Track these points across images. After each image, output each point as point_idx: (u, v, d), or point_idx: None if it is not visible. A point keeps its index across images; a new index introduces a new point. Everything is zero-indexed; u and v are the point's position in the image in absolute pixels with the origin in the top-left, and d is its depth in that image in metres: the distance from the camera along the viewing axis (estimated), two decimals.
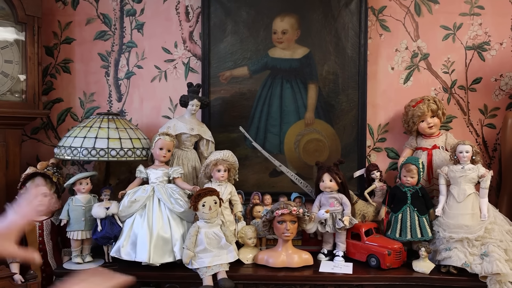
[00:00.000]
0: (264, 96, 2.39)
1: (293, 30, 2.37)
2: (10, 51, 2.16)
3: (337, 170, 2.09)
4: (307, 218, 1.96)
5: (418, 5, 2.39)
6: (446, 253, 1.90)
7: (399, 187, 2.09)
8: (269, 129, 2.39)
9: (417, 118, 2.20)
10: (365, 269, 1.93)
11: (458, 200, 1.97)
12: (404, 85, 2.42)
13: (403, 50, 2.41)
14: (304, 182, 2.38)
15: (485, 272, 1.78)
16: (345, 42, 2.36)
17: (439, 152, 2.20)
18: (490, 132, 2.41)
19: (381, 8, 2.40)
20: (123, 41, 2.46)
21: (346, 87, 2.37)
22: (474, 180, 1.99)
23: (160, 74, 2.45)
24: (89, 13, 2.46)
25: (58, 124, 2.47)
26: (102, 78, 2.47)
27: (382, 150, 2.44)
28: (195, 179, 2.20)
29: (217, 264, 1.84)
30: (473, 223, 1.90)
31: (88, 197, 2.02)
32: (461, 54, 2.40)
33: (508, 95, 2.40)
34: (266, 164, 2.40)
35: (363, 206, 2.20)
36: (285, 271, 1.90)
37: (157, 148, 2.04)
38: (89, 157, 2.00)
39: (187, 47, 2.45)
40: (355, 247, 2.03)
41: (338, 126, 2.38)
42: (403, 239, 2.01)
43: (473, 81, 2.40)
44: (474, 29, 2.39)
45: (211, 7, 2.37)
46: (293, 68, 2.37)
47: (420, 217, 2.02)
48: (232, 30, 2.38)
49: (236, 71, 2.39)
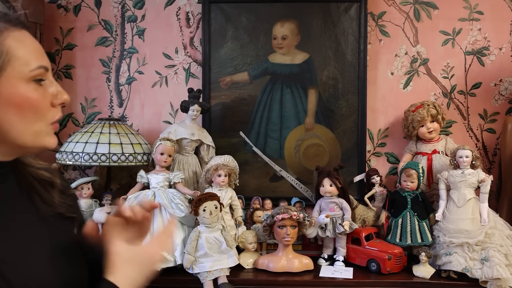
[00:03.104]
0: (264, 101, 2.40)
1: (293, 36, 2.38)
2: None
3: (337, 175, 2.10)
4: (308, 223, 1.97)
5: (417, 11, 2.41)
6: (446, 258, 1.90)
7: (399, 192, 2.09)
8: (269, 134, 2.40)
9: (417, 123, 2.21)
10: (366, 274, 1.94)
11: (458, 205, 1.97)
12: (404, 90, 2.43)
13: (402, 55, 2.42)
14: (304, 187, 2.38)
15: (485, 277, 1.78)
16: (344, 48, 2.37)
17: (439, 157, 2.20)
18: (490, 137, 2.42)
19: (380, 14, 2.41)
20: (124, 47, 2.48)
21: (346, 92, 2.38)
22: (474, 185, 1.99)
23: (161, 80, 2.47)
24: (90, 19, 2.48)
25: (60, 129, 2.48)
26: (103, 84, 2.49)
27: (382, 155, 2.45)
28: (195, 184, 2.21)
29: (217, 268, 1.84)
30: (473, 228, 1.91)
31: (89, 202, 2.03)
32: (460, 59, 2.41)
33: (507, 100, 2.40)
34: (267, 169, 2.40)
35: (363, 211, 2.21)
36: (286, 276, 1.90)
37: (158, 153, 2.05)
38: (90, 162, 2.01)
39: (187, 53, 2.47)
40: (355, 252, 2.03)
41: (338, 131, 2.39)
42: (403, 244, 2.01)
43: (473, 86, 2.41)
44: (473, 34, 2.40)
45: (211, 13, 2.39)
46: (293, 73, 2.38)
47: (420, 222, 2.02)
48: (233, 36, 2.40)
49: (237, 76, 2.40)
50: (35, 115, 0.79)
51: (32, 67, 0.78)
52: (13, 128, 0.77)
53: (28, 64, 0.78)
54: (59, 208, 0.89)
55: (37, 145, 0.82)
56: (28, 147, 0.81)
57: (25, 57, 0.78)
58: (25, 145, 0.80)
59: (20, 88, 0.76)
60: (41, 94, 0.80)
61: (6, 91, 0.75)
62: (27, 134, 0.79)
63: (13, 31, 0.78)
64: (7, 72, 0.75)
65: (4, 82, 0.75)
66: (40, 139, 0.81)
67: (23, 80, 0.77)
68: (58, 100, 0.83)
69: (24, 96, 0.77)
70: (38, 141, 0.81)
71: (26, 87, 0.77)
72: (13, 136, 0.78)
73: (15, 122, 0.77)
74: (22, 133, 0.78)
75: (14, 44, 0.77)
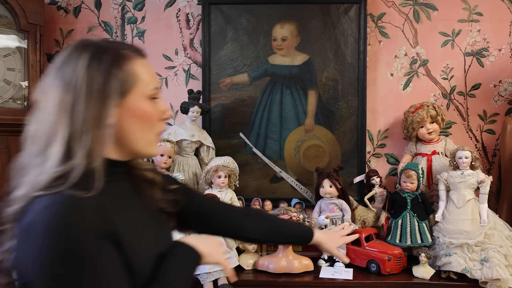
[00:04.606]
0: (264, 103, 2.40)
1: (293, 37, 2.39)
2: (12, 59, 2.18)
3: (337, 176, 2.10)
4: (307, 224, 1.97)
5: (417, 12, 2.41)
6: (446, 258, 1.90)
7: (399, 193, 2.10)
8: (269, 135, 2.40)
9: (417, 124, 2.21)
10: (365, 275, 1.94)
11: (458, 206, 1.97)
12: (404, 91, 2.43)
13: (402, 56, 2.42)
14: (304, 188, 2.39)
15: (485, 278, 1.79)
16: (344, 49, 2.37)
17: (439, 157, 2.21)
18: (490, 138, 2.42)
19: (380, 15, 2.42)
20: None
21: (345, 93, 2.38)
22: (473, 185, 1.99)
23: (161, 81, 2.47)
24: (90, 21, 2.48)
25: None
26: None
27: (381, 156, 2.45)
28: (195, 185, 2.21)
29: (218, 270, 1.85)
30: (472, 229, 1.91)
31: None
32: (460, 60, 2.42)
33: (507, 101, 2.41)
34: (266, 170, 2.41)
35: (363, 211, 2.21)
36: (286, 277, 1.91)
37: (158, 155, 2.05)
38: None
39: (187, 54, 2.47)
40: (355, 252, 2.04)
41: (338, 132, 2.39)
42: (403, 244, 2.01)
43: (472, 87, 2.42)
44: (472, 36, 2.41)
45: (211, 15, 2.40)
46: (293, 75, 2.39)
47: (420, 223, 2.02)
48: (232, 37, 2.40)
49: (236, 77, 2.40)
50: (149, 126, 0.98)
51: (150, 87, 0.98)
52: (132, 135, 0.96)
53: (148, 85, 0.97)
54: (160, 203, 1.08)
55: (146, 152, 1.01)
56: (140, 152, 1.00)
57: (146, 79, 0.97)
58: (138, 151, 0.99)
59: (142, 104, 0.96)
60: (155, 109, 0.99)
61: (132, 105, 0.95)
62: (141, 142, 0.98)
63: (138, 59, 0.98)
64: (134, 91, 0.95)
65: (131, 99, 0.94)
66: (149, 146, 1.00)
67: (144, 97, 0.97)
68: (165, 116, 1.02)
69: (145, 110, 0.96)
70: (148, 148, 1.00)
71: (146, 103, 0.97)
72: (131, 142, 0.97)
73: (135, 130, 0.96)
74: (138, 140, 0.97)
75: (139, 69, 0.96)
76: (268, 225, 1.35)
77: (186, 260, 1.00)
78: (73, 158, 0.88)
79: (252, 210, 1.39)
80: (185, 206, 1.18)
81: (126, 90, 0.94)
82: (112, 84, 0.92)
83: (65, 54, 0.96)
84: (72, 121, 0.89)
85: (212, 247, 1.06)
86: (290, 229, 1.41)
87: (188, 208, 1.21)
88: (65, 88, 0.90)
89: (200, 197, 1.28)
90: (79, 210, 0.82)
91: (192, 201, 1.23)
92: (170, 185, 1.16)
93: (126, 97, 0.94)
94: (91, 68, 0.91)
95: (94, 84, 0.90)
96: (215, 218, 1.27)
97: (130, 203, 1.00)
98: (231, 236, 1.39)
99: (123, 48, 0.98)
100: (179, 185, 1.21)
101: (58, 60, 0.95)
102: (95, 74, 0.91)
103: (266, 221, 1.36)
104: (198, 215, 1.24)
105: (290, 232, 1.40)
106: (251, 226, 1.30)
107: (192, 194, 1.26)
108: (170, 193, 1.13)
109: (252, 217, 1.32)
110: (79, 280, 0.79)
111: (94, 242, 0.82)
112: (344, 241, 1.47)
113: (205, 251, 1.03)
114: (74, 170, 0.87)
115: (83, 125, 0.89)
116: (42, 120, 0.91)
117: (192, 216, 1.23)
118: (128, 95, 0.94)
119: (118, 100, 0.92)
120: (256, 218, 1.33)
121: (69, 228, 0.80)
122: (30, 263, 0.81)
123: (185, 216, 1.21)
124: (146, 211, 1.04)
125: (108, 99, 0.91)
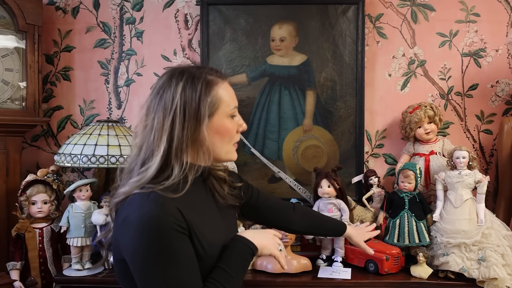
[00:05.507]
0: (262, 103, 2.41)
1: (291, 38, 2.39)
2: (10, 59, 2.18)
3: (335, 176, 2.11)
4: None
5: (414, 13, 2.42)
6: (443, 258, 1.91)
7: (397, 193, 2.10)
8: (268, 135, 2.41)
9: (414, 124, 2.22)
10: (364, 275, 1.94)
11: (455, 206, 1.98)
12: (401, 91, 2.44)
13: (400, 57, 2.43)
14: (302, 188, 2.39)
15: (482, 277, 1.79)
16: (342, 49, 2.38)
17: (436, 158, 2.22)
18: (487, 138, 2.43)
19: (378, 16, 2.43)
20: (123, 49, 2.48)
21: (343, 94, 2.39)
22: (471, 185, 2.00)
23: None
24: (89, 21, 2.48)
25: (58, 131, 2.49)
26: (101, 86, 2.49)
27: (380, 156, 2.46)
28: None
29: None
30: (470, 228, 1.92)
31: (88, 204, 2.03)
32: (457, 61, 2.43)
33: (504, 101, 2.42)
34: (265, 170, 2.41)
35: (361, 211, 2.22)
36: (284, 277, 1.91)
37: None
38: (89, 164, 2.01)
39: (186, 55, 2.48)
40: (353, 252, 2.04)
41: (336, 132, 2.40)
42: (401, 244, 2.02)
43: (470, 87, 2.43)
44: (470, 36, 2.42)
45: (209, 15, 2.40)
46: (291, 75, 2.39)
47: (418, 223, 2.03)
48: (231, 38, 2.41)
49: (235, 78, 2.41)
50: (229, 139, 1.21)
51: (231, 108, 1.20)
52: (216, 147, 1.17)
53: (229, 106, 1.19)
54: (228, 199, 1.30)
55: (227, 159, 1.23)
56: (222, 160, 1.24)
57: (228, 101, 1.19)
58: (219, 159, 1.22)
59: (225, 122, 1.18)
60: (234, 125, 1.21)
61: (217, 124, 1.16)
62: (222, 152, 1.20)
63: (222, 83, 1.19)
64: (218, 112, 1.16)
65: (216, 118, 1.16)
66: (229, 155, 1.22)
67: (226, 116, 1.19)
68: (241, 128, 1.25)
69: (227, 127, 1.19)
70: (227, 156, 1.22)
71: (228, 121, 1.19)
72: (215, 152, 1.17)
73: (217, 143, 1.18)
74: (220, 151, 1.19)
75: (223, 92, 1.18)
76: (310, 219, 1.62)
77: (244, 251, 1.16)
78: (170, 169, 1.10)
79: (297, 206, 1.59)
80: (245, 201, 1.42)
81: (213, 112, 1.15)
82: (202, 109, 1.12)
83: (163, 80, 1.17)
84: (171, 139, 1.10)
85: (267, 240, 1.23)
86: (327, 223, 1.68)
87: (247, 202, 1.44)
88: (165, 112, 1.11)
89: (258, 193, 1.50)
90: (166, 209, 1.03)
91: (250, 197, 1.46)
92: (236, 183, 1.37)
93: (212, 117, 1.15)
94: (186, 95, 1.12)
95: (188, 109, 1.11)
96: (268, 212, 1.53)
97: (204, 201, 1.21)
98: (277, 227, 1.57)
99: (210, 74, 1.18)
100: (242, 182, 1.42)
101: (157, 85, 1.17)
102: (189, 101, 1.11)
103: (308, 215, 1.63)
104: (255, 208, 1.49)
105: (328, 226, 1.67)
106: (295, 219, 1.56)
107: (251, 190, 1.48)
108: (236, 190, 1.35)
109: (297, 212, 1.57)
110: (162, 263, 1.00)
111: (175, 235, 1.02)
112: (370, 236, 1.75)
113: (260, 244, 1.19)
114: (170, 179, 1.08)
115: (180, 143, 1.10)
116: (146, 136, 1.14)
117: (249, 209, 1.47)
118: (214, 116, 1.15)
119: (207, 121, 1.13)
120: (300, 213, 1.58)
121: (157, 224, 1.01)
122: (125, 247, 1.04)
123: (244, 209, 1.45)
124: (216, 207, 1.25)
125: (200, 121, 1.12)
